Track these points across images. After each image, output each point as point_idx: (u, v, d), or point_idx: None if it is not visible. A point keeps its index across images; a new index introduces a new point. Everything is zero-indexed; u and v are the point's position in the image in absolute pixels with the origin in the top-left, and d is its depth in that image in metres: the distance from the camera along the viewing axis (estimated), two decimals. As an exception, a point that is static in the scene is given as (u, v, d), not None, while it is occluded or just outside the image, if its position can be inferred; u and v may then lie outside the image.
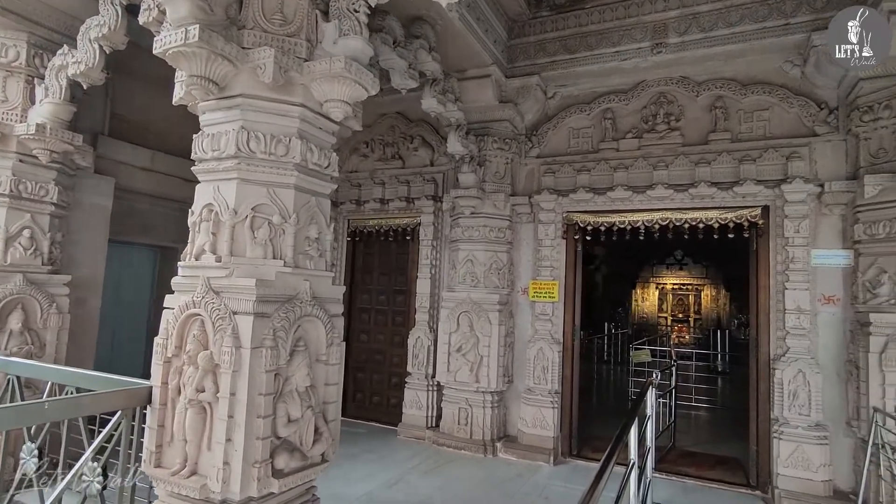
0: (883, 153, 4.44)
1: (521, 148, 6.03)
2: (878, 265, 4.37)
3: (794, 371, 4.63)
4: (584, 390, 9.97)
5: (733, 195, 4.99)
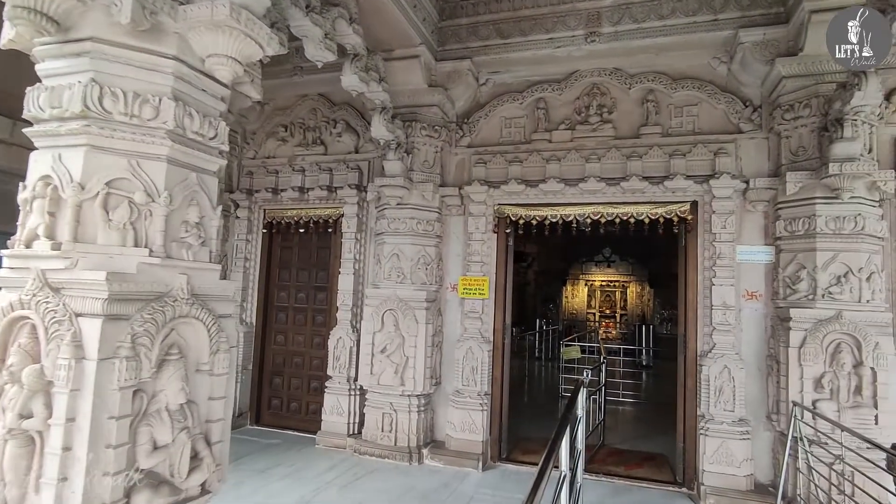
0: (803, 151, 4.50)
1: (451, 136, 5.70)
2: (798, 261, 4.42)
3: (719, 367, 4.62)
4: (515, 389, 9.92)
5: (663, 190, 4.93)
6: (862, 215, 4.22)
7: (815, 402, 4.16)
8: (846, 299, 4.18)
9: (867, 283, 4.19)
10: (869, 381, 4.07)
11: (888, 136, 4.56)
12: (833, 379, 4.16)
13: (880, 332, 4.09)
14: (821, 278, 4.26)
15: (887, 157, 4.52)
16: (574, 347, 8.39)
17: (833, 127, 4.20)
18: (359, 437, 5.40)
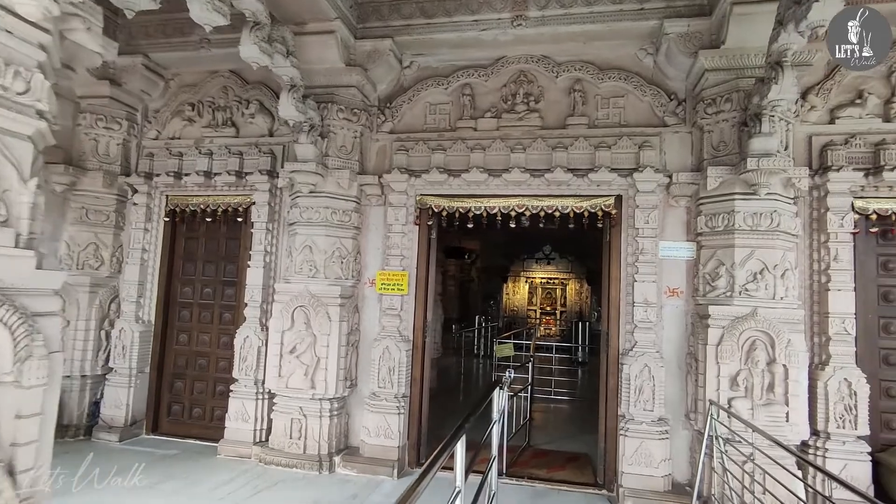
0: (724, 146, 4.44)
1: (372, 121, 5.34)
2: (717, 258, 4.36)
3: (640, 366, 4.50)
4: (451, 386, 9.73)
5: (588, 182, 4.76)
6: (778, 212, 4.20)
7: (730, 401, 4.11)
8: (762, 296, 4.15)
9: (781, 280, 4.18)
10: (781, 379, 4.04)
11: (803, 135, 4.59)
12: (748, 377, 4.11)
13: (792, 329, 4.07)
14: (738, 275, 4.21)
15: (802, 155, 4.54)
16: (507, 345, 8.20)
17: (752, 122, 4.15)
18: (265, 445, 4.96)
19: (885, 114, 4.47)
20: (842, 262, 4.31)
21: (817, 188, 4.47)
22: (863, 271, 4.45)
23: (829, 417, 4.18)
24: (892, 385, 4.44)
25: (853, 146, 4.43)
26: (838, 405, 4.18)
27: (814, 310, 4.41)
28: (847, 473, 4.11)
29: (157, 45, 5.47)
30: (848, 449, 4.15)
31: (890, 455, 4.21)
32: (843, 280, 4.30)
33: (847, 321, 4.25)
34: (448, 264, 17.12)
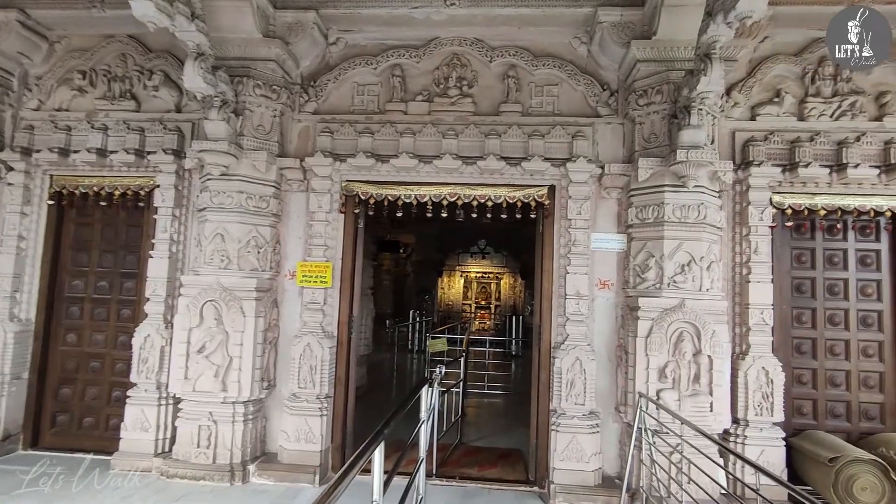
0: (654, 138, 4.44)
1: (294, 100, 4.91)
2: (647, 249, 4.35)
3: (572, 359, 4.42)
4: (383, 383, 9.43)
5: (521, 172, 4.62)
6: (704, 205, 4.24)
7: (659, 392, 4.11)
8: (689, 288, 4.18)
9: (707, 272, 4.23)
10: (706, 369, 4.09)
11: (727, 130, 4.68)
12: (675, 368, 4.13)
13: (717, 320, 4.13)
14: (667, 267, 4.21)
15: (726, 150, 4.63)
16: (440, 340, 8.05)
17: (681, 114, 4.15)
18: (168, 457, 4.44)
19: (799, 113, 4.65)
20: (761, 255, 4.44)
21: (740, 182, 4.57)
22: (779, 264, 4.62)
23: (749, 405, 4.29)
24: (804, 372, 4.65)
25: (772, 143, 4.57)
26: (756, 393, 4.29)
27: (735, 301, 4.52)
28: (764, 459, 4.23)
29: (39, 1, 4.74)
30: (765, 435, 4.28)
31: (801, 439, 4.39)
32: (762, 272, 4.43)
33: (765, 312, 4.38)
34: (382, 258, 16.75)
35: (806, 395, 4.62)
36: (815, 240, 4.71)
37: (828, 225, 4.67)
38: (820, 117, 4.60)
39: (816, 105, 4.61)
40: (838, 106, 4.60)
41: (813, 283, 4.68)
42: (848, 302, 4.65)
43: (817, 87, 4.65)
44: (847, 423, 4.58)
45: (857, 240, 4.69)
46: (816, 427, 4.57)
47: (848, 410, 4.59)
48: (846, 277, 4.66)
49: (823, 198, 4.55)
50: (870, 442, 4.35)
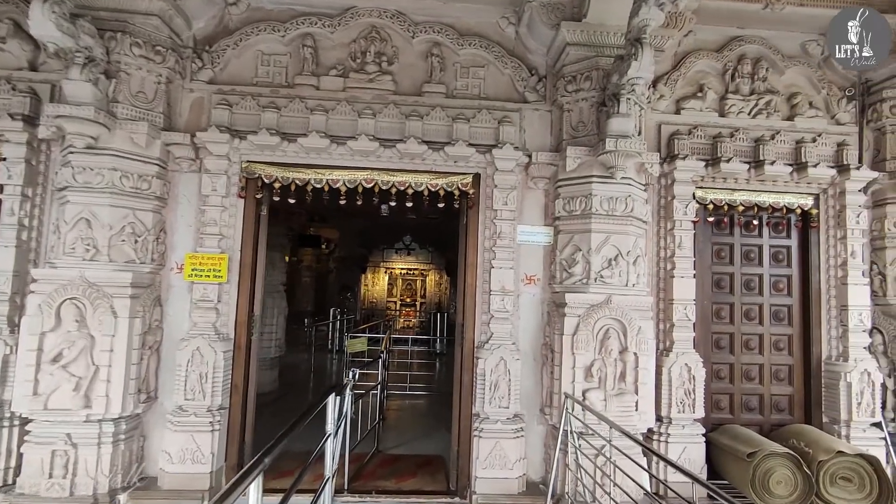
0: (582, 126, 4.24)
1: (185, 66, 4.24)
2: (574, 243, 4.15)
3: (496, 359, 4.13)
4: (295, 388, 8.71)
5: (445, 157, 4.26)
6: (632, 197, 4.10)
7: (585, 392, 3.91)
8: (616, 283, 4.01)
9: (634, 267, 4.09)
10: (632, 367, 3.94)
11: (654, 123, 4.60)
12: (602, 366, 3.95)
13: (643, 316, 4.00)
14: (594, 261, 4.03)
15: (652, 143, 4.54)
16: (360, 340, 7.55)
17: (610, 102, 3.98)
18: (11, 491, 3.63)
19: (720, 109, 4.65)
20: (685, 250, 4.38)
21: (665, 176, 4.50)
22: (701, 259, 4.60)
23: (672, 403, 4.21)
24: (722, 367, 4.66)
25: (696, 137, 4.54)
26: (679, 390, 4.22)
27: (660, 297, 4.44)
28: (686, 456, 4.17)
29: None
30: (687, 432, 4.22)
31: (719, 434, 4.38)
32: (685, 267, 4.37)
33: (688, 307, 4.32)
34: (303, 253, 15.86)
35: (723, 389, 4.64)
36: (733, 235, 4.75)
37: (745, 221, 4.71)
38: (739, 114, 4.64)
39: (736, 102, 4.64)
40: (755, 104, 4.66)
41: (731, 279, 4.72)
42: (762, 297, 4.72)
43: (737, 85, 4.68)
44: (760, 416, 4.65)
45: (771, 236, 4.78)
46: (733, 421, 4.60)
47: (761, 403, 4.67)
48: (761, 273, 4.73)
49: (742, 194, 4.58)
50: (781, 433, 4.43)
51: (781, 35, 4.72)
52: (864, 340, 4.44)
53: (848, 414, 4.32)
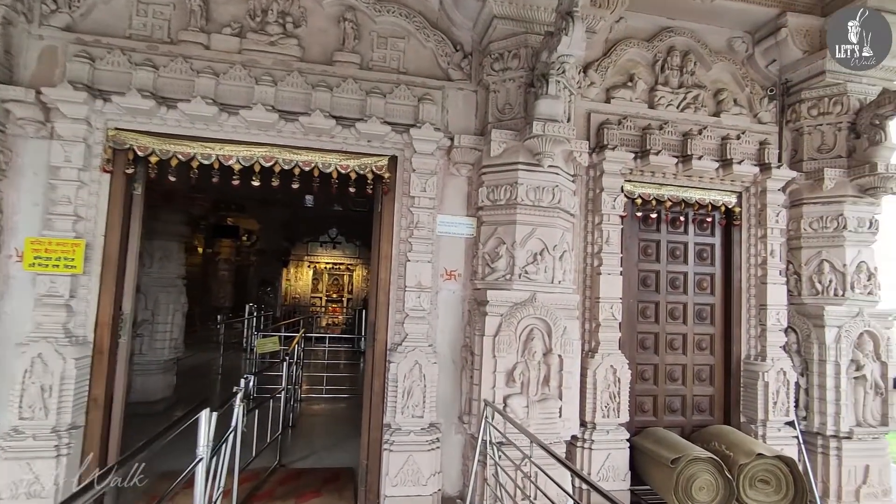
0: (509, 109, 3.90)
1: (31, 7, 3.45)
2: (498, 235, 3.80)
3: (410, 363, 3.70)
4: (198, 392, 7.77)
5: (357, 136, 3.77)
6: (560, 187, 3.80)
7: (506, 399, 3.57)
8: (541, 280, 3.70)
9: (560, 262, 3.79)
10: (556, 370, 3.65)
11: (583, 111, 4.35)
12: (525, 370, 3.62)
13: (568, 315, 3.71)
14: (519, 255, 3.69)
15: (581, 132, 4.29)
16: (271, 339, 6.84)
17: (538, 82, 3.65)
18: None
19: (650, 100, 4.49)
20: (612, 246, 4.16)
21: (594, 167, 4.26)
22: (628, 255, 4.41)
23: (596, 407, 3.98)
24: (646, 368, 4.50)
25: (625, 128, 4.34)
26: (604, 393, 4.00)
27: (586, 295, 4.19)
28: (610, 463, 3.96)
29: None
30: (611, 438, 4.00)
31: (643, 438, 4.21)
32: (612, 264, 4.15)
33: (615, 306, 4.10)
34: (220, 245, 14.68)
35: (648, 391, 4.49)
36: (660, 232, 4.60)
37: (672, 217, 4.59)
38: (668, 107, 4.49)
39: (665, 94, 4.49)
40: (684, 97, 4.53)
41: (657, 277, 4.57)
42: (687, 296, 4.62)
43: (666, 77, 4.53)
44: (682, 418, 4.54)
45: (696, 234, 4.69)
46: (656, 423, 4.45)
47: (683, 404, 4.56)
48: (686, 271, 4.63)
49: (670, 189, 4.44)
50: (702, 435, 4.33)
51: (710, 29, 4.64)
52: (780, 340, 4.44)
53: (765, 413, 4.28)
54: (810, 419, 4.40)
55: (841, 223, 4.42)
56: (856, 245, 4.43)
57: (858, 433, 4.26)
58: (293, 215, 13.57)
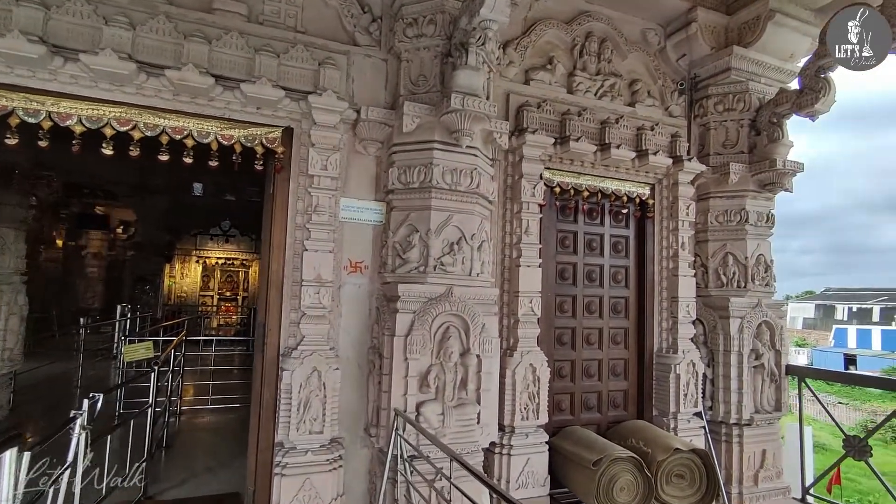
0: (424, 81, 3.48)
1: None
2: (411, 222, 3.37)
3: (307, 370, 3.16)
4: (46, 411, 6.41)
5: (243, 100, 3.13)
6: (479, 170, 3.45)
7: (420, 406, 3.16)
8: (458, 272, 3.33)
9: (478, 253, 3.44)
10: (474, 372, 3.30)
11: (502, 91, 4.05)
12: (440, 373, 3.23)
13: (487, 311, 3.37)
14: (434, 245, 3.29)
15: (500, 112, 3.97)
16: (144, 344, 5.85)
17: (457, 52, 3.28)
18: None
19: (568, 85, 4.30)
20: (531, 236, 3.89)
21: (513, 152, 3.96)
22: (546, 247, 4.17)
23: (515, 409, 3.69)
24: (564, 365, 4.31)
25: (545, 111, 4.10)
26: (523, 394, 3.72)
27: (504, 288, 3.89)
28: (529, 469, 3.70)
29: None
30: (530, 441, 3.74)
31: (561, 439, 4.01)
32: (532, 255, 3.88)
33: (534, 300, 3.84)
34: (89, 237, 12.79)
35: (565, 389, 4.30)
36: (577, 223, 4.43)
37: (589, 208, 4.44)
38: (586, 93, 4.34)
39: (583, 80, 4.33)
40: (601, 85, 4.41)
41: (574, 269, 4.39)
42: (602, 289, 4.49)
43: (584, 62, 4.37)
44: (598, 414, 4.42)
45: (612, 225, 4.59)
46: (573, 422, 4.28)
47: (599, 401, 4.43)
48: (602, 264, 4.50)
49: (588, 178, 4.28)
50: (619, 431, 4.22)
51: (626, 18, 4.56)
52: (690, 332, 4.46)
53: (676, 406, 4.27)
54: (716, 409, 4.48)
55: (743, 217, 4.53)
56: (755, 238, 4.57)
57: (757, 419, 4.39)
58: (178, 205, 12.14)
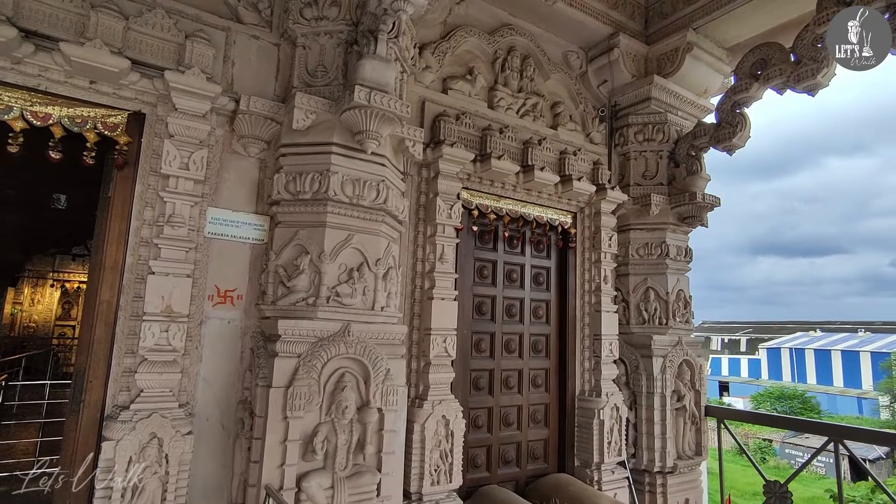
0: (323, 72, 2.88)
1: None
2: (300, 242, 2.68)
3: (142, 438, 2.30)
4: None
5: (68, 70, 2.32)
6: (386, 183, 2.86)
7: (302, 479, 2.41)
8: (358, 305, 2.68)
9: (384, 282, 2.82)
10: (374, 430, 2.62)
11: (417, 97, 3.54)
12: (330, 434, 2.52)
13: (392, 353, 2.74)
14: (328, 271, 2.62)
15: (415, 121, 3.46)
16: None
17: (364, 39, 2.72)
18: None
19: (489, 100, 3.92)
20: (447, 264, 3.35)
21: (428, 166, 3.44)
22: (463, 277, 3.65)
23: (424, 472, 3.05)
24: (480, 413, 3.75)
25: (464, 125, 3.66)
26: (434, 453, 3.10)
27: (414, 325, 3.29)
28: (438, 546, 3.04)
29: None
30: (440, 511, 3.10)
31: (476, 501, 3.41)
32: (447, 286, 3.33)
33: (448, 339, 3.27)
34: None
35: (481, 441, 3.73)
36: (497, 252, 3.98)
37: (510, 235, 4.01)
38: (508, 110, 3.97)
39: (505, 96, 3.97)
40: (523, 103, 4.08)
41: (493, 303, 3.90)
42: (523, 325, 4.04)
43: (506, 78, 4.02)
44: (517, 469, 3.88)
45: (533, 255, 4.19)
46: (489, 479, 3.70)
47: (518, 453, 3.91)
48: (522, 297, 4.06)
49: (509, 202, 3.86)
50: (539, 488, 3.71)
51: (548, 37, 4.31)
52: (613, 372, 4.13)
53: (600, 456, 3.86)
54: (639, 456, 4.13)
55: (664, 250, 4.35)
56: (675, 273, 4.40)
57: (680, 466, 4.11)
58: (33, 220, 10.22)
